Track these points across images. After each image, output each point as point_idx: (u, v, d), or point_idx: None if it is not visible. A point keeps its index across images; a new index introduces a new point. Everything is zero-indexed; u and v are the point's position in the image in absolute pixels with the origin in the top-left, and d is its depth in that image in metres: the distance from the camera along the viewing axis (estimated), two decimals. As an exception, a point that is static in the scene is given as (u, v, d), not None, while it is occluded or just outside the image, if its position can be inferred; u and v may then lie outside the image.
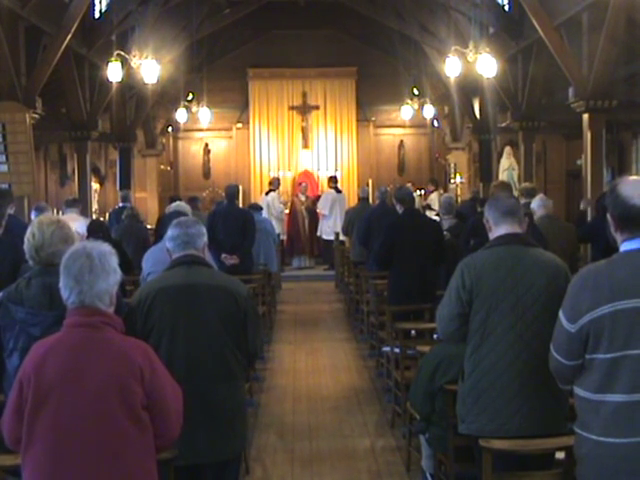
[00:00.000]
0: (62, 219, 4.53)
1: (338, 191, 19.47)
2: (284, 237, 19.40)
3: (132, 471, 3.28)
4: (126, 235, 10.63)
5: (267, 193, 19.20)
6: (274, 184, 19.46)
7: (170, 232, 4.74)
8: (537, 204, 8.52)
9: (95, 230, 8.20)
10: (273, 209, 18.91)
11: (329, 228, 19.00)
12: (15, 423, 3.29)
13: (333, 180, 19.72)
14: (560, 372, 3.60)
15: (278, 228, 18.85)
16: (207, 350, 4.49)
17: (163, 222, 8.71)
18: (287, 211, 19.89)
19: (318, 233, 19.79)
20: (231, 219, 11.01)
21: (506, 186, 9.59)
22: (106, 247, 3.48)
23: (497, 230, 4.46)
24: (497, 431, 4.25)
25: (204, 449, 4.45)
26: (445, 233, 9.30)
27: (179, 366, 4.34)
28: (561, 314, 3.50)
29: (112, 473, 3.23)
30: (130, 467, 3.27)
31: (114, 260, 3.47)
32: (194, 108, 21.44)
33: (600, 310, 3.33)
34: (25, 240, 4.34)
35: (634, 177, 3.47)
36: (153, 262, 6.55)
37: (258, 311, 4.89)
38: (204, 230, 4.80)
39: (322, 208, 19.33)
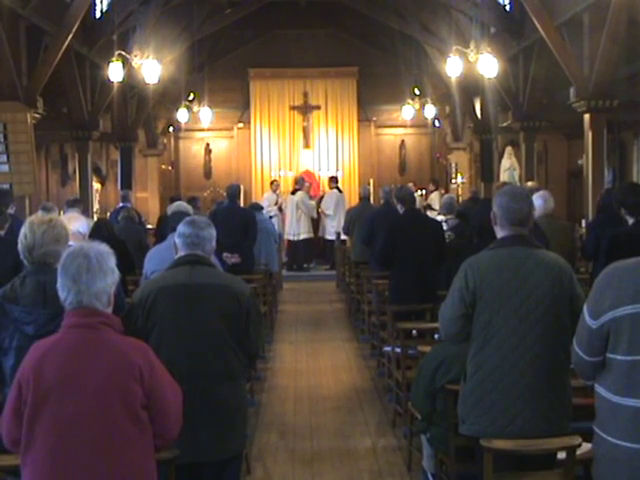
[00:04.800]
0: (54, 218, 4.50)
1: (340, 191, 19.48)
2: (309, 236, 19.38)
3: (132, 471, 3.28)
4: (122, 236, 10.60)
5: (293, 192, 19.34)
6: (299, 183, 19.47)
7: (182, 229, 4.69)
8: (539, 203, 8.37)
9: (100, 229, 8.20)
10: (304, 207, 18.88)
11: (332, 228, 18.99)
12: (14, 425, 3.28)
13: (334, 180, 19.72)
14: (581, 367, 3.59)
15: (306, 227, 18.93)
16: (209, 349, 4.48)
17: (164, 222, 8.72)
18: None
19: (320, 233, 19.79)
20: (233, 218, 11.03)
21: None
22: (104, 247, 3.48)
23: (502, 231, 4.43)
24: (499, 433, 4.23)
25: (205, 448, 4.45)
26: (449, 234, 9.29)
27: (181, 365, 4.34)
28: (585, 309, 3.49)
29: (112, 473, 3.23)
30: (130, 467, 3.27)
31: (112, 260, 3.46)
32: (195, 108, 21.45)
33: (622, 310, 3.31)
34: (18, 241, 4.33)
35: None
36: (157, 261, 6.53)
37: (260, 311, 4.88)
38: (215, 234, 4.77)
39: (326, 208, 19.33)
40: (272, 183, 20.54)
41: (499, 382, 4.25)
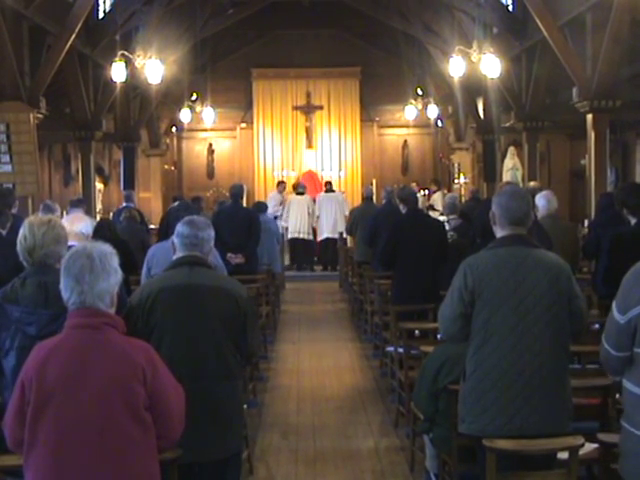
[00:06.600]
0: (53, 219, 4.48)
1: (328, 191, 19.27)
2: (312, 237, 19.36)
3: (135, 472, 3.28)
4: (124, 236, 10.60)
5: (299, 194, 19.24)
6: (302, 187, 19.37)
7: (180, 229, 4.68)
8: (542, 204, 8.36)
9: (102, 229, 8.19)
10: (311, 210, 18.82)
11: (319, 229, 19.03)
12: (17, 425, 3.28)
13: (327, 184, 19.53)
14: (608, 362, 3.65)
15: (311, 228, 18.89)
16: (208, 350, 4.49)
17: (167, 221, 8.71)
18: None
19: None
20: (237, 219, 11.03)
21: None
22: (107, 247, 3.48)
23: (501, 230, 4.44)
24: (498, 431, 4.24)
25: (203, 447, 4.45)
26: (452, 234, 9.28)
27: (180, 365, 4.32)
28: (613, 305, 3.57)
29: (115, 475, 3.23)
30: (133, 468, 3.27)
31: (115, 260, 3.46)
32: (198, 108, 21.47)
33: None
34: (17, 242, 4.32)
35: None
36: (160, 259, 6.54)
37: (257, 313, 4.88)
38: (213, 234, 4.77)
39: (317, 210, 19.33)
40: (279, 184, 20.46)
41: (498, 381, 4.26)
